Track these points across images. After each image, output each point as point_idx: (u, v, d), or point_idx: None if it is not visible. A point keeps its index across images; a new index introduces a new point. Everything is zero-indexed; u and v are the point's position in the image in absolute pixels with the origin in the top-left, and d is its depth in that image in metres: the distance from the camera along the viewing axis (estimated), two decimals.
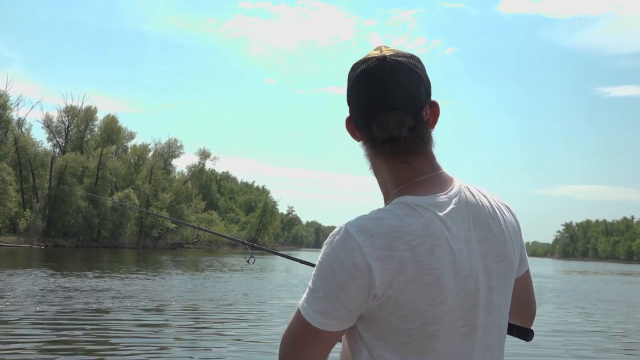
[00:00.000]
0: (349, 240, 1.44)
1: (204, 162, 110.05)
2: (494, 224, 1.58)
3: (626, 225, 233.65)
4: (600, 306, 24.26)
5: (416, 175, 1.57)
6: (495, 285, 1.56)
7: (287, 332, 1.54)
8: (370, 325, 1.49)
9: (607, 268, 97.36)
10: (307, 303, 1.49)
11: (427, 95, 1.59)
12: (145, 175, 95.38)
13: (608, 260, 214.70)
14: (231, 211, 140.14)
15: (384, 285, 1.42)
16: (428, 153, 1.60)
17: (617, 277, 60.21)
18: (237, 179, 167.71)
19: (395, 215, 1.48)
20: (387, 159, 1.59)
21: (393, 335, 1.47)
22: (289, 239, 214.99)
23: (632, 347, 14.15)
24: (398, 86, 1.54)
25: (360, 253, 1.42)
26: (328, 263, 1.46)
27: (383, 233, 1.44)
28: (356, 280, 1.42)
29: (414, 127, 1.54)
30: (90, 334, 12.49)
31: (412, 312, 1.44)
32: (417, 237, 1.44)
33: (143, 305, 17.26)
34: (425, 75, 1.60)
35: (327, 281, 1.45)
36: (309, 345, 1.50)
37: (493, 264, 1.55)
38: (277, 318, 16.23)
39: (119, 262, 44.86)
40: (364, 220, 1.48)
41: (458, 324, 1.49)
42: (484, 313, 1.53)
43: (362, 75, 1.57)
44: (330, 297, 1.45)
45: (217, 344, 12.05)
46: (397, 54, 1.57)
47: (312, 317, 1.47)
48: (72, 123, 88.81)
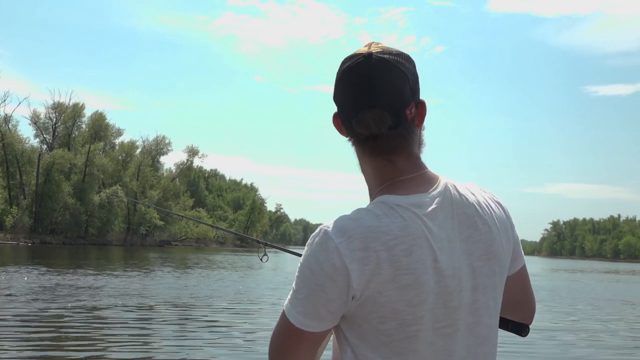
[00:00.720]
0: (327, 241, 1.45)
1: (192, 159, 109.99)
2: (480, 222, 1.56)
3: (613, 224, 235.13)
4: (589, 304, 24.36)
5: (398, 175, 1.56)
6: (481, 284, 1.54)
7: (274, 333, 1.56)
8: (352, 326, 1.50)
9: (594, 266, 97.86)
10: (290, 304, 1.50)
11: (414, 93, 1.57)
12: (133, 172, 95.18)
13: (595, 258, 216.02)
14: (219, 208, 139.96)
15: (362, 287, 1.42)
16: (411, 152, 1.58)
17: (604, 275, 60.48)
18: (225, 177, 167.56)
19: (374, 215, 1.47)
20: (370, 156, 1.59)
21: (373, 335, 1.47)
22: (277, 237, 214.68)
23: (624, 346, 14.21)
24: (380, 83, 1.52)
25: (337, 254, 1.43)
26: (308, 264, 1.47)
27: (360, 234, 1.44)
28: (335, 282, 1.43)
29: (395, 126, 1.52)
30: (76, 333, 12.42)
31: (391, 312, 1.44)
32: (394, 238, 1.44)
33: (130, 303, 17.19)
34: (412, 74, 1.57)
35: (307, 282, 1.46)
36: (294, 346, 1.52)
37: (478, 262, 1.53)
38: (266, 317, 16.21)
39: (106, 260, 44.72)
40: (342, 220, 1.48)
41: (441, 324, 1.48)
42: (467, 312, 1.52)
43: (346, 72, 1.56)
44: (311, 298, 1.46)
45: (208, 343, 12.00)
46: (385, 51, 1.55)
47: (295, 317, 1.48)
48: (59, 120, 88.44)
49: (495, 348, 1.61)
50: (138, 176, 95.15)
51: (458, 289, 1.49)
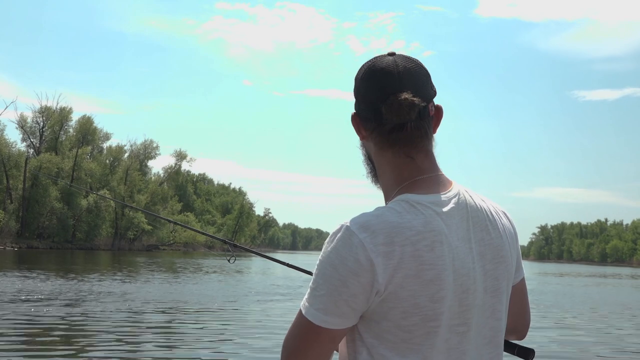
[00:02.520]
0: (350, 237, 1.45)
1: (180, 163, 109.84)
2: (491, 227, 1.60)
3: (600, 228, 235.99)
4: (580, 308, 24.42)
5: (418, 174, 1.59)
6: (491, 286, 1.57)
7: (289, 333, 1.54)
8: (370, 324, 1.50)
9: (581, 270, 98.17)
10: (308, 302, 1.49)
11: (434, 93, 1.65)
12: (120, 176, 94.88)
13: (582, 262, 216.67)
14: (207, 213, 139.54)
15: (386, 281, 1.43)
16: (429, 151, 1.63)
17: (592, 279, 60.67)
18: (213, 181, 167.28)
19: (395, 212, 1.49)
20: (393, 152, 1.60)
21: (393, 332, 1.47)
22: (265, 241, 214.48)
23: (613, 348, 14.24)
24: (408, 73, 1.59)
25: (362, 249, 1.43)
26: (330, 261, 1.46)
27: (384, 229, 1.45)
28: (359, 277, 1.43)
29: (421, 116, 1.57)
30: (61, 338, 12.33)
31: (413, 307, 1.45)
32: (417, 233, 1.45)
33: (115, 308, 17.09)
34: (430, 77, 1.66)
35: (329, 279, 1.45)
36: (311, 345, 1.50)
37: (490, 265, 1.57)
38: (255, 317, 16.15)
39: (93, 264, 44.50)
40: (364, 217, 1.49)
41: (455, 322, 1.50)
42: (478, 313, 1.55)
43: (372, 67, 1.62)
44: (332, 294, 1.45)
45: (195, 348, 11.93)
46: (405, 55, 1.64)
47: (313, 315, 1.47)
48: (46, 124, 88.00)
49: (501, 351, 1.64)
50: (126, 180, 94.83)
51: (472, 289, 1.52)
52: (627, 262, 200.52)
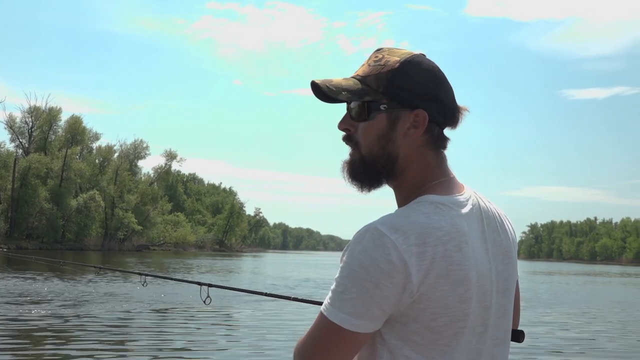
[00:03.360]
0: (382, 238, 1.41)
1: (170, 163, 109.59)
2: (500, 229, 1.61)
3: (590, 226, 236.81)
4: (572, 306, 24.53)
5: (443, 175, 1.60)
6: (502, 287, 1.58)
7: (309, 339, 1.48)
8: (394, 325, 1.46)
9: (571, 268, 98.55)
10: (334, 307, 1.43)
11: None
12: (110, 176, 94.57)
13: (572, 260, 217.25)
14: (198, 213, 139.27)
15: (419, 282, 1.40)
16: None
17: (581, 277, 60.93)
18: (204, 181, 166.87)
19: (422, 213, 1.47)
20: (436, 153, 1.61)
21: (422, 333, 1.45)
22: (256, 241, 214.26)
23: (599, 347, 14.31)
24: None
25: (395, 250, 1.39)
26: (360, 262, 1.41)
27: (414, 230, 1.42)
28: (392, 278, 1.39)
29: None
30: (47, 339, 12.29)
31: (443, 308, 1.43)
32: (446, 234, 1.44)
33: (108, 310, 17.05)
34: None
35: (360, 281, 1.40)
36: (337, 351, 1.45)
37: (501, 266, 1.58)
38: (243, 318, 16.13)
39: (83, 265, 44.26)
40: (392, 218, 1.46)
41: (476, 322, 1.50)
42: (495, 314, 1.55)
43: (439, 72, 1.62)
44: (364, 297, 1.40)
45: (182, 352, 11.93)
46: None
47: (342, 319, 1.41)
48: (35, 124, 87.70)
49: (508, 352, 1.64)
50: (116, 180, 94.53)
51: (490, 289, 1.52)
52: (617, 261, 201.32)
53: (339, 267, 1.46)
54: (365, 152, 1.60)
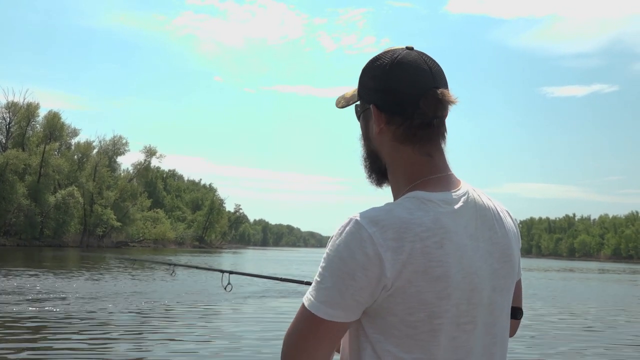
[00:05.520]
0: (359, 230, 1.44)
1: (150, 159, 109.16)
2: (498, 226, 1.61)
3: (568, 223, 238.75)
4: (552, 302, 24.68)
5: (433, 172, 1.59)
6: (499, 285, 1.58)
7: (291, 327, 1.52)
8: (374, 319, 1.49)
9: (549, 265, 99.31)
10: (312, 296, 1.48)
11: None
12: (89, 172, 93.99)
13: (551, 257, 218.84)
14: (177, 209, 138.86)
15: (394, 276, 1.42)
16: (443, 150, 1.63)
17: (562, 273, 61.40)
18: (183, 177, 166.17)
19: (405, 208, 1.48)
20: (414, 148, 1.59)
21: (398, 327, 1.47)
22: (236, 237, 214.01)
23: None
24: (438, 70, 1.61)
25: (371, 243, 1.42)
26: (338, 253, 1.45)
27: (393, 224, 1.44)
28: (366, 271, 1.42)
29: (445, 114, 1.61)
30: (24, 337, 12.19)
31: (419, 303, 1.44)
32: (426, 230, 1.45)
33: (87, 307, 16.94)
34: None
35: (336, 271, 1.44)
36: (312, 339, 1.48)
37: (497, 264, 1.58)
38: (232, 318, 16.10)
39: (61, 261, 44.06)
40: (374, 211, 1.48)
41: (463, 320, 1.50)
42: (486, 311, 1.55)
43: (403, 59, 1.59)
44: (338, 286, 1.44)
45: (165, 349, 11.87)
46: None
47: (317, 308, 1.46)
48: (13, 119, 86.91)
49: (507, 350, 1.65)
50: (94, 177, 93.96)
51: (480, 287, 1.52)
52: (595, 257, 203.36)
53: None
54: (362, 152, 1.73)
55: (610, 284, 42.82)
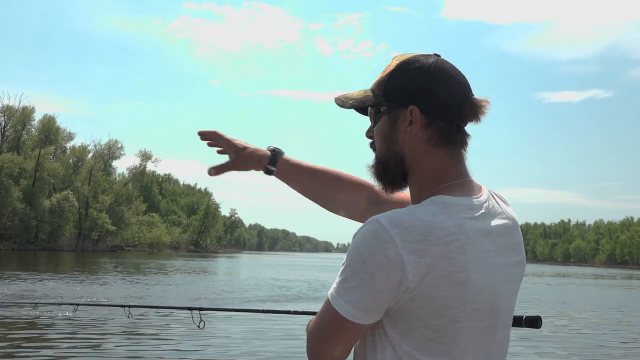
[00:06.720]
0: (381, 232, 1.43)
1: (145, 163, 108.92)
2: (515, 232, 1.63)
3: (563, 228, 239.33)
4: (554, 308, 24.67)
5: (459, 176, 1.60)
6: (515, 289, 1.62)
7: (316, 321, 1.54)
8: (396, 321, 1.48)
9: (544, 270, 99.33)
10: (337, 293, 1.47)
11: None
12: (84, 176, 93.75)
13: (546, 262, 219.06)
14: (173, 213, 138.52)
15: (417, 279, 1.41)
16: (465, 156, 1.65)
17: (556, 279, 61.43)
18: (179, 181, 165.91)
19: (429, 212, 1.47)
20: (446, 152, 1.60)
21: (421, 331, 1.46)
22: (231, 242, 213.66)
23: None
24: (466, 79, 1.65)
25: (392, 245, 1.41)
26: (360, 253, 1.44)
27: (416, 227, 1.43)
28: (386, 273, 1.41)
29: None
30: (19, 343, 12.12)
31: (443, 308, 1.44)
32: (450, 234, 1.44)
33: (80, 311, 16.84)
34: None
35: (357, 272, 1.44)
36: (336, 336, 1.50)
37: (514, 268, 1.60)
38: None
39: (56, 265, 43.92)
40: (397, 214, 1.47)
41: (485, 323, 1.51)
42: (505, 314, 1.58)
43: (443, 65, 1.62)
44: (360, 288, 1.43)
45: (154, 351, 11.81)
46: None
47: (341, 307, 1.46)
48: (8, 123, 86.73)
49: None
50: (90, 181, 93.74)
51: (500, 291, 1.53)
52: (590, 262, 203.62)
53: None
54: (379, 155, 1.67)
55: (605, 289, 42.82)
